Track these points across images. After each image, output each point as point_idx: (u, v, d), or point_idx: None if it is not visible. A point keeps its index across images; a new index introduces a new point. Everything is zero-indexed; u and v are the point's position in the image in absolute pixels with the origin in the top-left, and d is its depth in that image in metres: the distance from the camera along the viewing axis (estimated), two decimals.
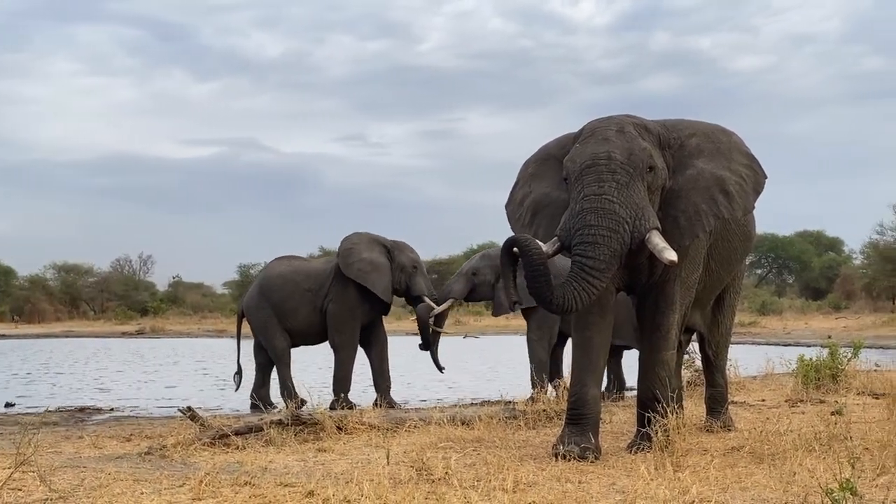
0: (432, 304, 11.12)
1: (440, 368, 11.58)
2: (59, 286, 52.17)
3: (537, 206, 6.87)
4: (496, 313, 11.25)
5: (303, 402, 10.04)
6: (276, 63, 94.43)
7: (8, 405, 11.79)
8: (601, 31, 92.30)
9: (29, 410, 11.01)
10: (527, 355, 11.13)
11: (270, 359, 11.48)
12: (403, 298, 11.69)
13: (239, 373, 11.60)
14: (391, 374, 11.41)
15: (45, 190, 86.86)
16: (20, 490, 5.14)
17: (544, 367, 10.82)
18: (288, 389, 11.11)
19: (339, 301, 11.05)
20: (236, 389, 11.60)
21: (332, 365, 11.24)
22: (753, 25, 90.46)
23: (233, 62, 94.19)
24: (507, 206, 7.16)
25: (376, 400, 10.87)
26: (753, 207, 6.88)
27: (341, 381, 11.01)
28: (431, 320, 11.18)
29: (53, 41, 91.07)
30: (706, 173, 6.55)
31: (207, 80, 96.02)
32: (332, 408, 10.07)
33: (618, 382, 11.34)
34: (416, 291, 11.25)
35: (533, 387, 10.65)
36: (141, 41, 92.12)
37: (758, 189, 6.77)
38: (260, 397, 11.27)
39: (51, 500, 4.93)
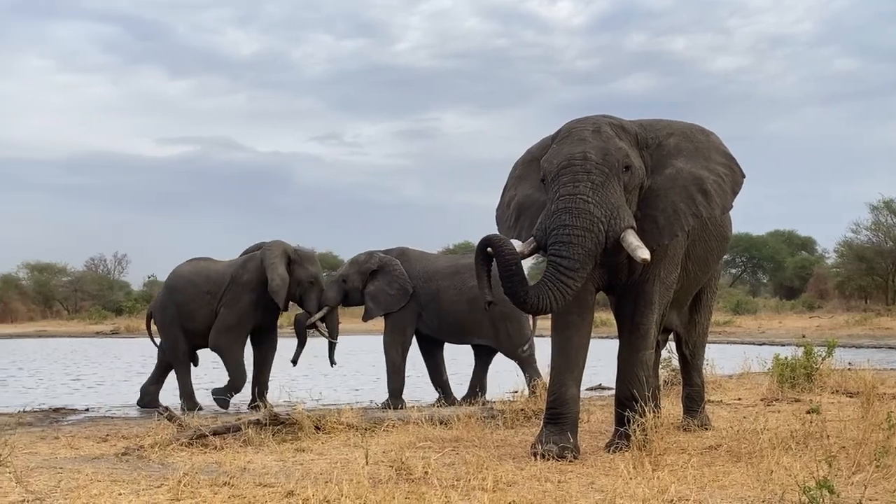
0: (314, 317, 11.40)
1: (332, 363, 11.86)
2: (33, 286, 51.64)
3: (521, 207, 6.90)
4: (365, 318, 11.50)
5: (199, 407, 10.91)
6: (252, 61, 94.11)
7: None
8: (578, 32, 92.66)
9: (3, 411, 10.90)
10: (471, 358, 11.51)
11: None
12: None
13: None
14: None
15: (18, 188, 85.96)
16: None
17: (398, 370, 11.07)
18: (186, 393, 11.39)
19: (231, 306, 11.30)
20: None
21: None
22: (728, 27, 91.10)
23: (208, 60, 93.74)
24: (497, 210, 7.20)
25: (251, 401, 11.19)
26: (731, 206, 6.89)
27: (235, 379, 11.25)
28: (324, 330, 11.51)
29: (26, 38, 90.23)
30: (684, 172, 6.58)
31: (182, 78, 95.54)
32: (217, 402, 10.85)
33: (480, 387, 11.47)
34: (306, 307, 11.53)
35: (392, 394, 10.99)
36: (115, 38, 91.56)
37: (736, 188, 6.80)
38: (147, 392, 11.63)
39: (27, 501, 4.89)
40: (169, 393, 11.73)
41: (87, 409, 11.20)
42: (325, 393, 11.95)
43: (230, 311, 11.27)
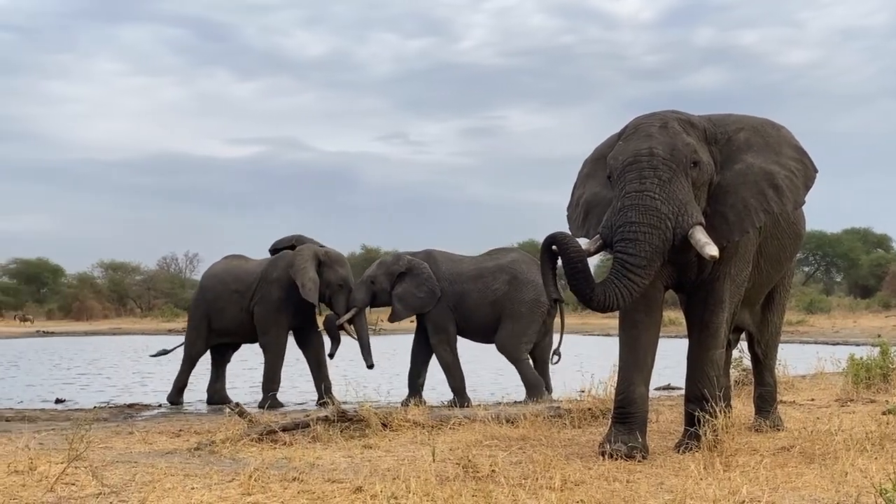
0: (343, 318, 11.55)
1: (369, 365, 11.81)
2: (107, 284, 52.99)
3: (589, 205, 6.85)
4: (391, 319, 11.58)
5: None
6: (319, 62, 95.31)
7: (58, 401, 12.02)
8: (645, 27, 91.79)
9: (79, 406, 11.19)
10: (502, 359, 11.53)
11: (223, 355, 12.10)
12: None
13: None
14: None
15: (91, 189, 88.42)
16: (73, 485, 5.22)
17: (453, 367, 11.17)
18: (178, 387, 11.90)
19: (263, 304, 11.57)
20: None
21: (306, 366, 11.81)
22: (799, 20, 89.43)
23: (276, 61, 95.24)
24: (567, 209, 7.16)
25: (319, 399, 11.34)
26: (804, 202, 6.74)
27: (269, 380, 11.50)
28: (352, 331, 11.64)
29: (97, 41, 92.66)
30: (755, 168, 6.45)
31: (250, 80, 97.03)
32: (260, 406, 10.78)
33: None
34: (335, 308, 11.73)
35: (455, 391, 11.11)
36: (184, 41, 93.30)
37: (808, 183, 6.64)
38: (214, 391, 11.91)
39: (103, 494, 5.00)
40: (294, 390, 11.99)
41: (160, 405, 11.46)
42: (391, 391, 12.02)
43: (264, 309, 11.54)
